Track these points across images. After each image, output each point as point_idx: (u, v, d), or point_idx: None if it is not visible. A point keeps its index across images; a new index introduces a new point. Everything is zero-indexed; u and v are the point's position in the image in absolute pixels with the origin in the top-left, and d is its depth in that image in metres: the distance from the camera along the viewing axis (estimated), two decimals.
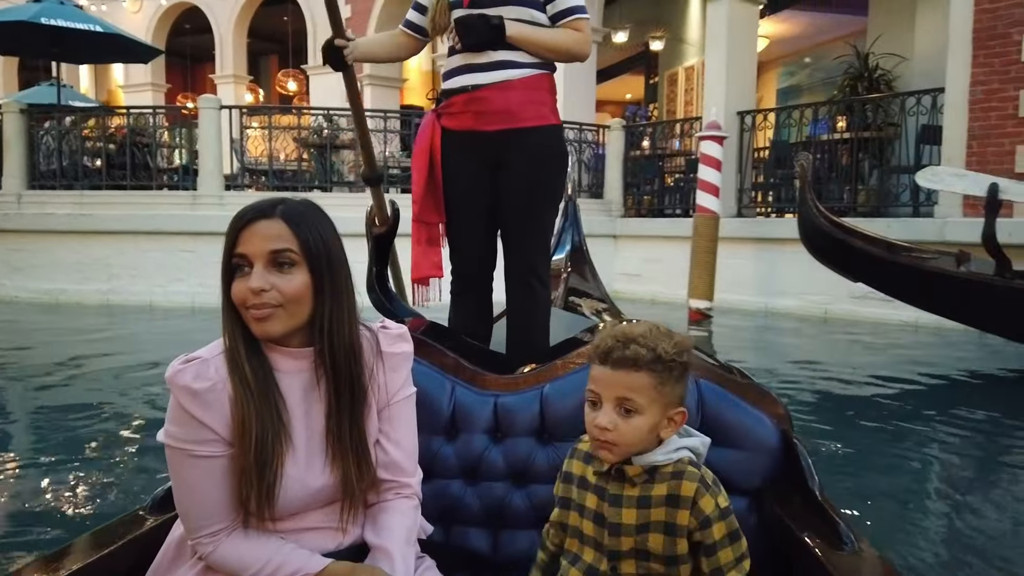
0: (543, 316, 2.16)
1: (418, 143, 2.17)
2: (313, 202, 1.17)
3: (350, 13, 13.22)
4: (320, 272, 1.10)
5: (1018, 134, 5.58)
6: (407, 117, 9.56)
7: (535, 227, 2.13)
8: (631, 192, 9.32)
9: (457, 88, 2.08)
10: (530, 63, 2.05)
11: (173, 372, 1.06)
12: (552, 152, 2.11)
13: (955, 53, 5.95)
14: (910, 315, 5.73)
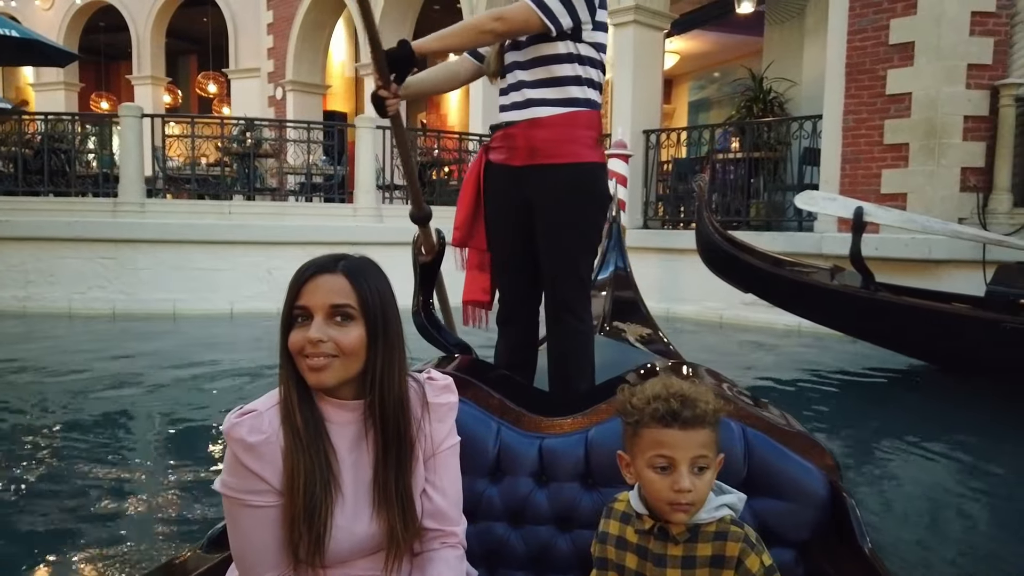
0: (580, 352, 2.14)
1: (469, 172, 2.27)
2: (371, 259, 1.23)
3: (272, 19, 13.26)
4: (375, 327, 1.15)
5: (883, 159, 6.27)
6: (330, 128, 9.76)
7: (567, 265, 2.10)
8: None
9: (499, 124, 2.16)
10: (559, 100, 2.04)
11: (229, 425, 1.12)
12: (585, 191, 2.07)
13: (831, 84, 6.61)
14: (793, 321, 6.33)
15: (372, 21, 1.97)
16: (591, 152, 2.08)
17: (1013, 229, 5.75)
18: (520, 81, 2.08)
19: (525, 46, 2.06)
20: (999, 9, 5.90)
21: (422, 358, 1.75)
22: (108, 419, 4.00)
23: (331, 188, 9.22)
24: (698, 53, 13.93)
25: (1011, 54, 5.97)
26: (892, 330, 5.05)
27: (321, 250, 4.50)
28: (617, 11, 8.32)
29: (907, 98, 6.09)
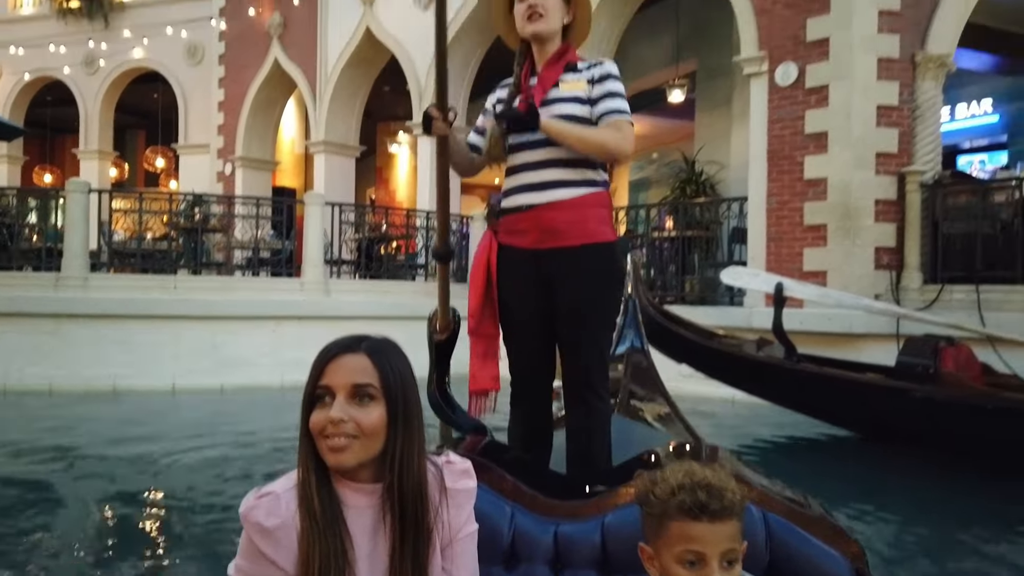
0: (601, 431, 2.13)
1: (476, 258, 2.24)
2: (391, 340, 1.24)
3: (223, 96, 13.51)
4: (396, 407, 1.15)
5: (804, 239, 6.70)
6: (279, 204, 9.92)
7: (589, 343, 2.11)
8: None
9: (513, 207, 2.15)
10: (581, 181, 2.10)
11: (247, 508, 1.13)
12: (604, 269, 2.10)
13: (755, 168, 7.08)
14: (728, 392, 6.59)
15: (444, 44, 2.03)
16: (608, 231, 2.14)
17: (924, 304, 6.16)
18: (536, 162, 2.11)
19: (539, 128, 2.08)
20: (901, 103, 6.48)
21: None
22: (28, 502, 3.91)
23: (279, 263, 9.31)
24: (637, 135, 14.42)
25: (914, 143, 6.53)
26: (815, 399, 5.34)
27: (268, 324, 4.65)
28: None
29: (823, 183, 6.57)
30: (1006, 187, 6.24)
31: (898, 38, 6.42)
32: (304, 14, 11.89)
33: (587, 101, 2.12)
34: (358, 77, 11.75)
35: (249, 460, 4.81)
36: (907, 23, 6.45)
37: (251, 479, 4.25)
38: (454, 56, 10.16)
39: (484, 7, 9.68)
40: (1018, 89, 11.09)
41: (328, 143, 11.86)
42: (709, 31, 9.70)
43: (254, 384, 7.44)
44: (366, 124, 12.52)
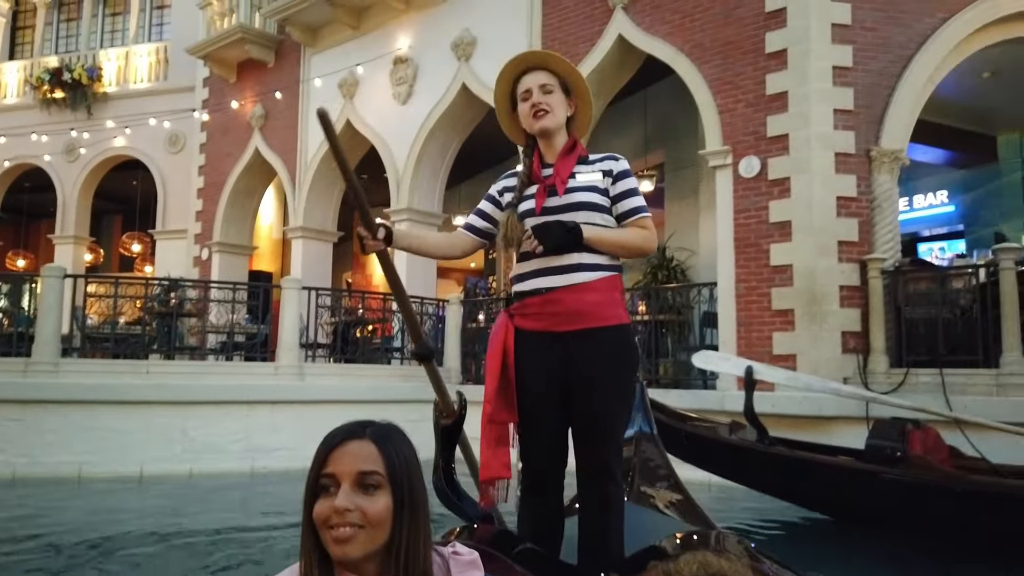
0: (616, 519, 2.09)
1: (492, 343, 2.23)
2: (396, 426, 1.21)
3: (203, 184, 13.71)
4: (402, 496, 1.12)
5: (773, 323, 6.87)
6: (254, 288, 9.96)
7: (608, 426, 2.11)
8: (474, 359, 10.00)
9: (531, 291, 2.16)
10: (602, 265, 2.14)
11: None
12: (622, 351, 2.14)
13: (723, 255, 7.31)
14: (703, 475, 6.58)
15: (345, 163, 2.00)
16: (624, 313, 2.19)
17: (892, 387, 6.29)
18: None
19: (568, 211, 2.14)
20: (860, 195, 6.79)
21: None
22: None
23: (253, 347, 9.28)
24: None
25: (874, 232, 6.81)
26: (788, 483, 5.36)
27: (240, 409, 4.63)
28: None
29: (789, 269, 6.80)
30: (963, 274, 6.49)
31: (853, 134, 6.79)
32: (285, 106, 12.26)
33: (603, 191, 2.20)
34: (337, 167, 12.00)
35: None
36: (861, 120, 6.83)
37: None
38: (432, 148, 10.50)
39: (458, 103, 10.07)
40: (971, 181, 11.64)
41: (306, 229, 12.02)
42: (675, 125, 10.16)
43: (223, 470, 7.30)
44: (344, 210, 12.73)
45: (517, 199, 2.22)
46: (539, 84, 2.24)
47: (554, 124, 2.24)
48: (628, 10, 8.24)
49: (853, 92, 6.80)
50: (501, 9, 9.60)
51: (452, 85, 10.04)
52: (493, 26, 9.66)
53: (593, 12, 8.59)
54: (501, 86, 2.35)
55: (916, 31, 6.96)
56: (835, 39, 6.81)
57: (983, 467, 4.77)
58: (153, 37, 15.27)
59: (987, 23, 7.03)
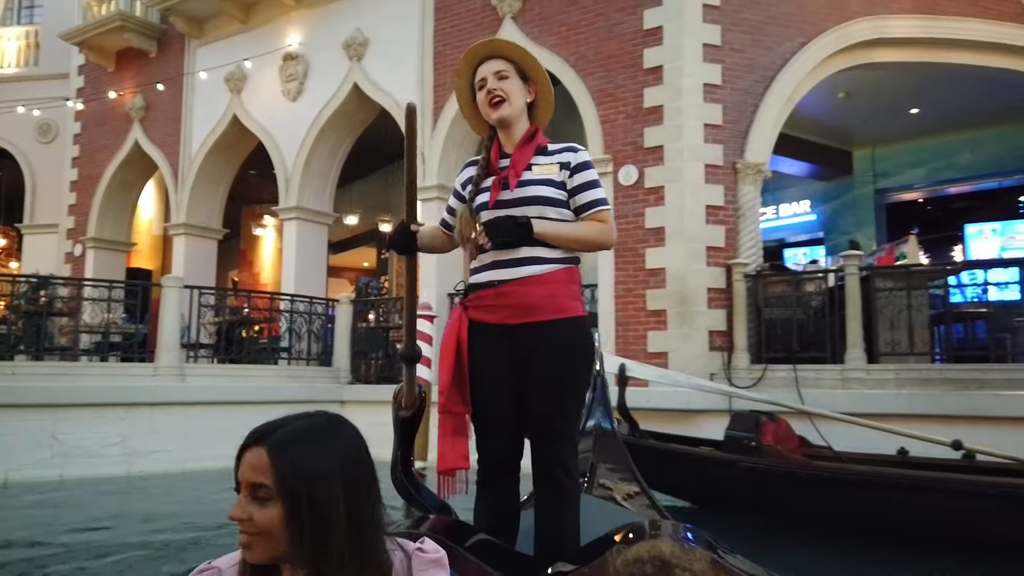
0: (571, 512, 2.09)
1: (446, 335, 2.21)
2: (328, 423, 1.15)
3: (76, 176, 13.04)
4: (298, 510, 1.06)
5: (648, 323, 7.29)
6: (132, 287, 9.61)
7: (562, 420, 2.09)
8: (363, 359, 10.02)
9: (484, 283, 2.13)
10: (554, 258, 2.10)
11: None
12: (576, 344, 2.10)
13: (604, 258, 7.68)
14: None
15: (415, 162, 2.03)
16: (579, 306, 2.15)
17: (752, 382, 6.82)
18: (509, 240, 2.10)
19: (519, 205, 2.12)
20: (726, 203, 7.31)
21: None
22: None
23: (130, 347, 8.96)
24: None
25: (739, 239, 7.34)
26: (656, 472, 5.72)
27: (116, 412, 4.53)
28: (422, 189, 9.18)
29: (662, 272, 7.24)
30: (815, 278, 7.11)
31: (721, 147, 7.30)
32: (167, 98, 11.85)
33: (559, 184, 2.15)
34: (223, 162, 11.74)
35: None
36: (728, 135, 7.36)
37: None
38: (322, 147, 10.44)
39: (349, 102, 10.07)
40: (830, 192, 12.62)
41: (189, 226, 11.66)
42: (561, 134, 10.41)
43: (98, 475, 7.05)
44: (230, 207, 12.44)
45: (474, 192, 2.19)
46: (494, 71, 2.20)
47: (510, 112, 2.20)
48: (517, 20, 8.50)
49: (722, 108, 7.32)
50: (394, 11, 9.67)
51: (344, 84, 10.02)
52: (385, 28, 9.71)
53: (484, 20, 8.81)
54: (461, 79, 2.32)
55: (778, 54, 7.56)
56: (706, 58, 7.30)
57: (828, 454, 5.26)
58: (23, 19, 14.39)
59: (840, 49, 7.73)
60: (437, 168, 9.03)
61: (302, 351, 9.49)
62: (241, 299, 10.35)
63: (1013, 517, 4.22)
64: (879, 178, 12.04)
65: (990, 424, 5.59)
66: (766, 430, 5.23)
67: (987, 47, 8.13)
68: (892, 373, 6.29)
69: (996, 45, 8.11)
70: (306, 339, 9.54)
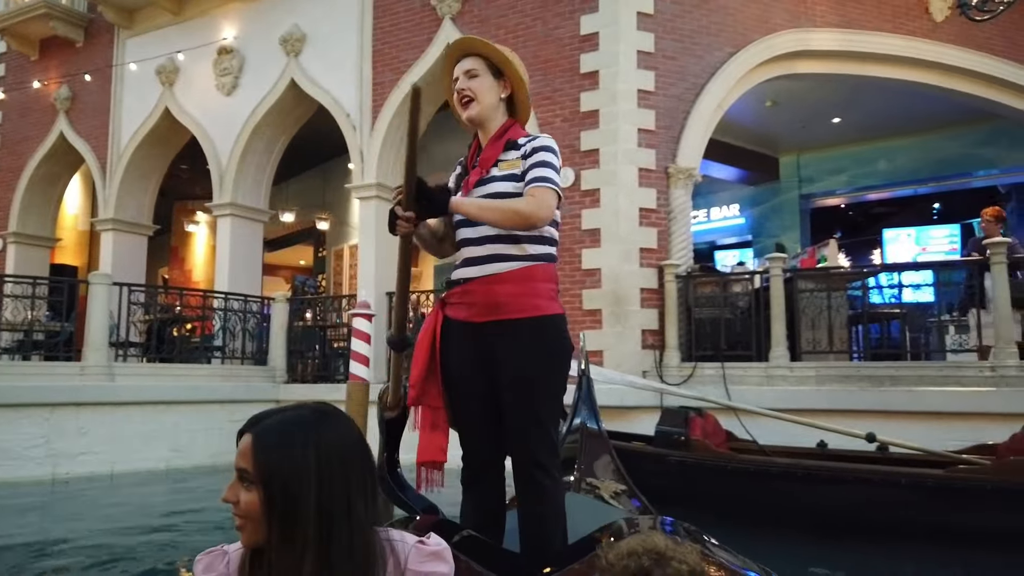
0: (553, 509, 2.06)
1: (423, 330, 2.18)
2: (314, 417, 1.16)
3: None
4: (271, 497, 1.09)
5: (584, 322, 7.45)
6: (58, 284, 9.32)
7: (534, 420, 2.03)
8: (300, 358, 9.93)
9: (455, 280, 2.12)
10: (522, 256, 2.06)
11: (196, 559, 1.19)
12: (546, 343, 2.05)
13: None
14: None
15: (415, 144, 1.93)
16: (551, 304, 2.09)
17: (683, 380, 7.06)
18: (478, 238, 2.08)
19: (482, 185, 2.10)
20: (659, 206, 7.54)
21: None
22: None
23: (55, 346, 8.68)
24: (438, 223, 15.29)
25: (670, 241, 7.58)
26: None
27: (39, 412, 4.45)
28: (361, 187, 9.17)
29: (598, 272, 7.42)
30: (742, 279, 7.40)
31: (654, 152, 7.52)
32: (95, 89, 11.49)
33: (520, 177, 2.11)
34: (154, 156, 11.45)
35: None
36: (661, 140, 7.59)
37: None
38: (257, 143, 10.30)
39: (286, 99, 9.96)
40: (758, 196, 13.10)
41: (117, 221, 11.32)
42: None
43: (19, 478, 6.83)
44: (161, 203, 12.13)
45: (455, 189, 2.18)
46: (465, 70, 2.19)
47: (479, 112, 2.17)
48: (456, 21, 8.57)
49: (655, 114, 7.54)
50: (332, 8, 9.61)
51: (280, 80, 9.90)
52: (324, 24, 9.65)
53: (423, 20, 8.84)
54: (447, 78, 2.29)
55: (708, 63, 7.83)
56: (640, 65, 7.52)
57: (753, 448, 5.50)
58: None
59: (766, 60, 8.06)
60: (376, 168, 9.02)
61: (236, 350, 9.36)
62: (173, 297, 10.13)
63: (921, 504, 4.53)
64: (804, 184, 12.56)
65: (903, 418, 5.93)
66: (694, 425, 5.44)
67: (902, 61, 8.60)
68: (813, 370, 6.61)
69: (910, 59, 8.60)
70: (241, 338, 9.41)
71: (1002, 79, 8.79)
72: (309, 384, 9.52)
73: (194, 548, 4.75)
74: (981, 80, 8.83)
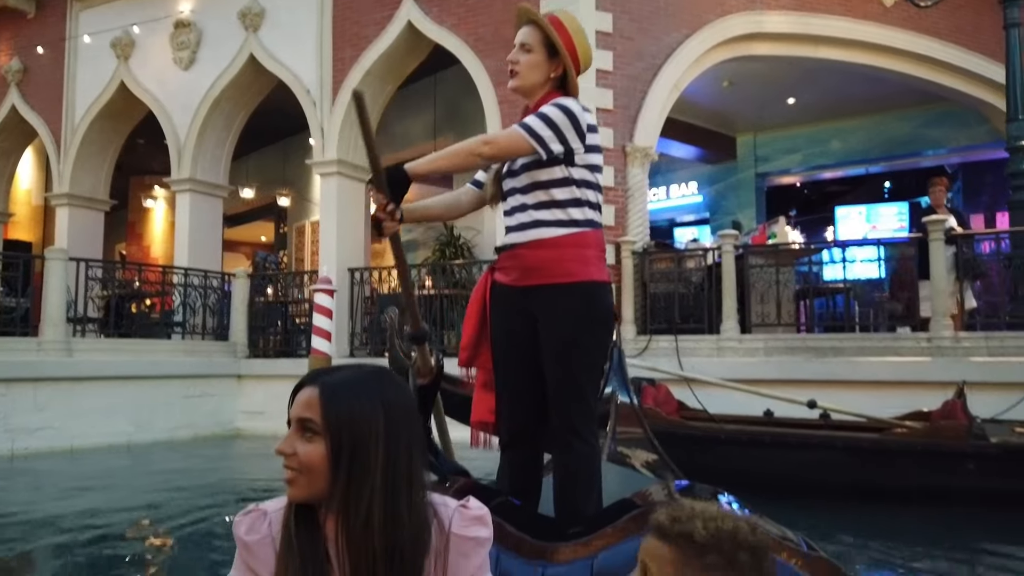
0: (587, 475, 2.07)
1: (474, 293, 2.25)
2: (383, 374, 1.19)
3: None
4: (338, 447, 1.10)
5: None
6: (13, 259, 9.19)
7: (573, 386, 2.06)
8: (262, 334, 9.94)
9: (503, 246, 2.17)
10: (562, 221, 2.06)
11: (235, 521, 1.16)
12: (584, 308, 2.05)
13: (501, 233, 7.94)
14: None
15: (372, 143, 1.93)
16: (595, 271, 2.08)
17: (638, 352, 7.26)
18: (522, 204, 2.11)
19: (520, 172, 2.11)
20: (616, 185, 7.70)
21: None
22: None
23: (11, 321, 8.59)
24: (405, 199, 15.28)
25: (628, 218, 7.76)
26: None
27: None
28: (322, 164, 9.18)
29: None
30: (695, 255, 7.62)
31: (612, 131, 7.66)
32: (48, 62, 11.24)
33: None
34: (109, 130, 11.27)
35: None
36: (619, 119, 7.73)
37: None
38: (216, 118, 10.22)
39: (245, 74, 9.89)
40: (716, 175, 13.37)
41: (73, 196, 11.15)
42: (463, 112, 10.69)
43: None
44: (117, 177, 11.96)
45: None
46: (520, 42, 2.19)
47: (522, 85, 2.19)
48: None
49: (613, 93, 7.68)
50: None
51: (239, 55, 9.81)
52: None
53: None
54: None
55: (665, 44, 7.98)
56: (599, 44, 7.61)
57: (703, 416, 5.72)
58: None
59: (721, 41, 8.23)
60: (336, 144, 9.03)
61: (197, 325, 9.35)
62: (131, 272, 10.04)
63: (857, 465, 4.80)
64: (760, 163, 12.85)
65: (846, 387, 6.19)
66: (646, 394, 5.63)
67: (854, 44, 8.84)
68: (762, 342, 6.86)
69: (861, 43, 8.84)
70: (201, 313, 9.40)
71: (948, 63, 9.09)
72: (271, 359, 9.54)
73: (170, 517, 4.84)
74: (929, 63, 9.12)
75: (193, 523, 4.53)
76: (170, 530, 4.46)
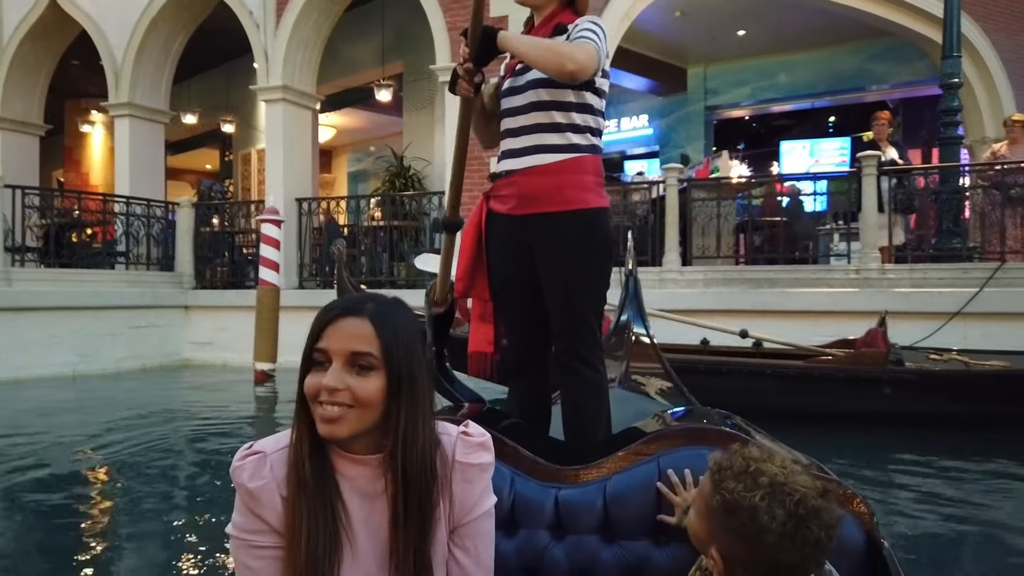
0: (593, 400, 2.05)
1: (468, 222, 2.17)
2: (402, 302, 1.14)
3: None
4: (398, 379, 1.07)
5: None
6: None
7: (575, 312, 2.02)
8: (208, 264, 9.84)
9: (498, 172, 2.10)
10: (565, 146, 2.00)
11: (234, 468, 1.09)
12: (587, 235, 2.01)
13: None
14: None
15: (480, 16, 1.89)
16: (594, 197, 2.03)
17: None
18: (518, 128, 2.04)
19: (525, 89, 2.04)
20: None
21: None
22: None
23: None
24: (353, 128, 15.06)
25: None
26: None
27: None
28: (267, 89, 8.95)
29: None
30: (640, 188, 7.74)
31: None
32: None
33: None
34: (41, 50, 10.75)
35: None
36: None
37: None
38: (154, 40, 9.84)
39: None
40: (666, 108, 13.41)
41: (3, 120, 10.71)
42: (413, 37, 10.47)
43: None
44: (52, 100, 11.48)
45: (504, 74, 2.15)
46: None
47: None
48: None
49: None
50: None
51: None
52: None
53: None
54: None
55: None
56: None
57: None
58: None
59: None
60: (281, 69, 8.81)
61: (141, 256, 9.21)
62: (71, 201, 9.77)
63: (784, 390, 5.09)
64: (710, 95, 12.91)
65: (779, 317, 6.48)
66: None
67: None
68: (701, 274, 7.08)
69: None
70: (145, 243, 9.25)
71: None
72: (219, 290, 9.49)
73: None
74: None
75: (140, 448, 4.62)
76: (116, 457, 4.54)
